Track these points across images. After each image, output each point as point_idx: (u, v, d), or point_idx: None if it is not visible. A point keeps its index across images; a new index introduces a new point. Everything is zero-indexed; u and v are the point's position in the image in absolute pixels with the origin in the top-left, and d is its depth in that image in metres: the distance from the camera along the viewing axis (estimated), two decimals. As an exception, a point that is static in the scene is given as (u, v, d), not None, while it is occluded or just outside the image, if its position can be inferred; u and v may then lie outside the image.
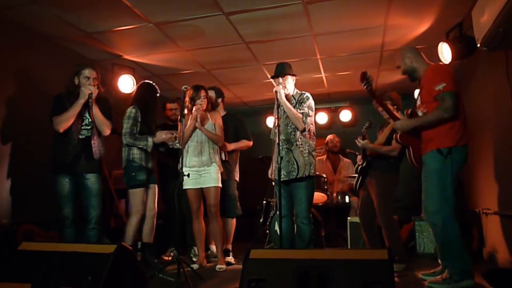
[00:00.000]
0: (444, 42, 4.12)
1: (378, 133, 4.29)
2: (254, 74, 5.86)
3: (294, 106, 3.68)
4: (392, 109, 3.81)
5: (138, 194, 3.85)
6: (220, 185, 3.99)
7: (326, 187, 5.17)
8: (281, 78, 3.75)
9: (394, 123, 3.42)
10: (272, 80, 3.83)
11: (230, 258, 4.37)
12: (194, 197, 3.96)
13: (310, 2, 3.85)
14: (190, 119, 3.98)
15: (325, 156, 6.18)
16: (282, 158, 3.50)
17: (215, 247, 4.17)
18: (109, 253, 2.15)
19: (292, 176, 3.60)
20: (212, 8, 3.91)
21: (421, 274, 3.44)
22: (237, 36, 4.55)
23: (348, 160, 6.09)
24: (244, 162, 4.98)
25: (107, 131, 3.70)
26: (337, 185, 5.88)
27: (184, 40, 4.65)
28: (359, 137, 4.10)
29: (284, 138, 3.67)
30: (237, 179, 4.66)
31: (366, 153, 4.12)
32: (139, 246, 4.03)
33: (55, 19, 4.04)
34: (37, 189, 4.01)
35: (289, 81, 3.76)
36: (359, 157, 4.24)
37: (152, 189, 4.03)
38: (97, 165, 3.65)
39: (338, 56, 5.24)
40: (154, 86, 4.14)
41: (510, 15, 2.78)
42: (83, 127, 3.60)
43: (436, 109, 3.08)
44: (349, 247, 4.73)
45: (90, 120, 3.61)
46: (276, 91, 3.62)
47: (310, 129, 3.72)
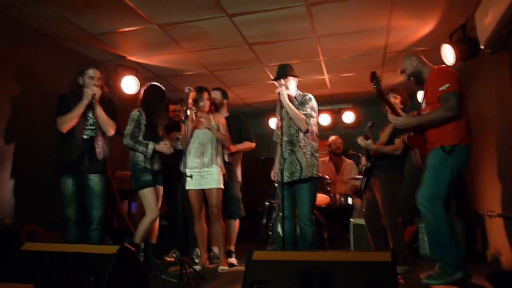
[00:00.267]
0: (447, 43, 4.12)
1: (380, 133, 4.28)
2: (257, 76, 5.87)
3: (297, 108, 3.68)
4: (398, 105, 3.83)
5: (147, 194, 3.85)
6: (222, 186, 3.98)
7: (329, 189, 5.16)
8: (283, 80, 3.74)
9: (396, 119, 3.41)
10: (275, 82, 3.82)
11: (233, 260, 4.37)
12: (195, 198, 3.96)
13: (313, 4, 3.85)
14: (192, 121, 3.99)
15: (327, 157, 6.18)
16: (285, 160, 3.50)
17: (218, 249, 4.17)
18: (111, 253, 2.15)
19: (295, 177, 3.59)
20: (215, 9, 3.92)
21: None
22: (240, 37, 4.56)
23: (351, 161, 6.07)
24: (247, 163, 4.98)
25: (111, 132, 3.69)
26: (340, 186, 5.87)
27: (187, 41, 4.66)
28: (360, 136, 4.09)
29: (287, 139, 3.67)
30: (239, 181, 4.66)
31: (370, 153, 4.12)
32: (142, 247, 4.03)
33: (59, 20, 4.06)
34: (40, 189, 4.02)
35: (291, 82, 3.75)
36: (363, 158, 4.24)
37: (157, 190, 4.02)
38: (100, 165, 3.65)
39: (341, 57, 5.24)
40: (161, 88, 4.10)
41: (514, 17, 2.77)
42: (87, 128, 3.60)
43: (439, 108, 3.09)
44: (352, 249, 4.72)
45: (94, 120, 3.61)
46: (279, 93, 3.62)
47: (313, 130, 3.72)
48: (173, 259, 4.46)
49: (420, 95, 4.72)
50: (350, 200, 5.54)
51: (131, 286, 2.29)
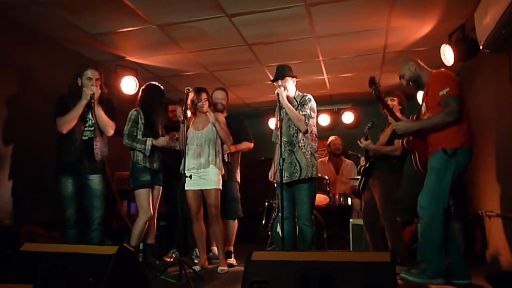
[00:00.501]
0: (446, 44, 4.13)
1: (380, 134, 4.29)
2: (257, 76, 5.87)
3: (296, 108, 3.68)
4: (396, 107, 3.85)
5: (142, 195, 3.85)
6: (220, 187, 3.98)
7: (328, 189, 5.16)
8: (280, 81, 3.75)
9: (396, 124, 3.42)
10: (275, 83, 3.82)
11: (232, 260, 4.37)
12: (193, 198, 3.96)
13: (313, 4, 3.85)
14: (193, 122, 4.00)
15: (327, 157, 6.18)
16: (284, 160, 3.50)
17: (217, 249, 4.17)
18: (111, 254, 2.15)
19: (294, 177, 3.59)
20: (215, 10, 3.92)
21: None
22: (239, 38, 4.56)
23: (350, 161, 6.08)
24: (246, 163, 4.98)
25: (111, 132, 3.69)
26: (339, 186, 5.87)
27: (187, 41, 4.66)
28: (362, 138, 4.10)
29: (286, 139, 3.67)
30: (238, 181, 4.66)
31: (369, 154, 4.12)
32: (141, 248, 4.03)
33: (58, 20, 4.06)
34: (39, 189, 4.02)
35: (289, 83, 3.75)
36: (362, 158, 4.24)
37: (155, 190, 4.03)
38: (100, 166, 3.65)
39: (341, 58, 5.23)
40: (159, 87, 4.10)
41: (513, 17, 2.78)
42: (86, 128, 3.60)
43: (440, 112, 3.09)
44: (351, 249, 4.72)
45: (93, 121, 3.60)
46: (278, 93, 3.63)
47: (312, 130, 3.72)
48: (172, 260, 4.45)
49: (420, 96, 4.72)
50: (349, 200, 5.55)
51: (131, 286, 2.29)
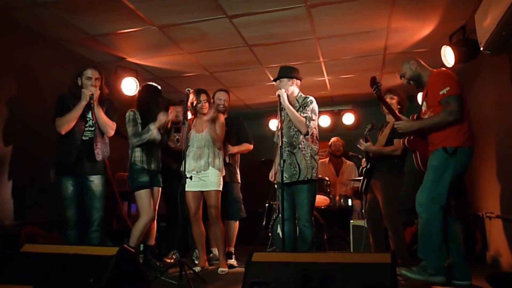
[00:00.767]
0: (447, 45, 4.13)
1: (378, 134, 4.29)
2: (257, 77, 5.87)
3: (297, 110, 3.68)
4: (395, 106, 3.87)
5: (142, 196, 3.83)
6: (220, 188, 3.98)
7: (328, 190, 5.16)
8: (275, 83, 3.76)
9: (397, 123, 3.42)
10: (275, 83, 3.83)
11: (233, 261, 4.37)
12: (192, 200, 3.96)
13: (313, 6, 3.85)
14: (194, 124, 4.02)
15: (327, 159, 6.18)
16: (284, 161, 3.50)
17: (217, 250, 4.17)
18: (111, 255, 2.15)
19: (294, 179, 3.60)
20: (215, 11, 3.92)
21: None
22: (240, 39, 4.56)
23: (351, 162, 6.07)
24: (246, 165, 4.98)
25: (111, 133, 3.68)
26: (339, 188, 5.87)
27: (187, 42, 4.66)
28: (361, 139, 4.11)
29: (286, 141, 3.67)
30: (239, 182, 4.66)
31: (370, 155, 4.12)
32: (142, 249, 4.03)
33: (59, 21, 4.06)
34: (40, 190, 4.02)
35: (285, 83, 3.73)
36: (364, 160, 4.25)
37: (154, 192, 4.02)
38: (101, 167, 3.65)
39: (341, 59, 5.24)
40: (155, 87, 4.08)
41: (513, 19, 2.78)
42: (87, 128, 3.59)
43: (440, 112, 3.10)
44: (351, 250, 4.72)
45: (93, 121, 3.59)
46: (279, 95, 3.63)
47: (313, 133, 3.72)
48: (172, 261, 4.45)
49: (420, 97, 4.72)
50: (349, 201, 5.54)
51: (131, 287, 2.29)
